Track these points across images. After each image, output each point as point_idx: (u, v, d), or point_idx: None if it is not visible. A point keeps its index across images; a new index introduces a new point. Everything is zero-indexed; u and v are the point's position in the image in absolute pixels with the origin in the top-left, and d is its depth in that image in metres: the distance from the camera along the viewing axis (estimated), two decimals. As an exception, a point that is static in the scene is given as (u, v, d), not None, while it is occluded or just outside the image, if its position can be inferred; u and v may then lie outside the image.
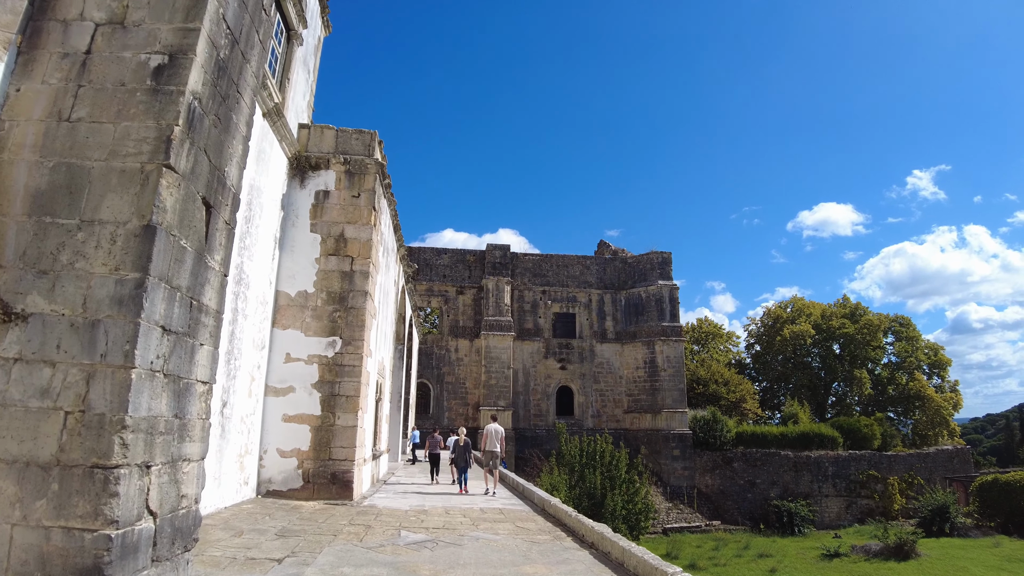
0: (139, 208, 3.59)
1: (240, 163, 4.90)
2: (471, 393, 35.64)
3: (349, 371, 10.16)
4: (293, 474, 9.90)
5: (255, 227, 9.37)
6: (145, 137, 3.75)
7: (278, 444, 9.96)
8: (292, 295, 10.51)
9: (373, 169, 11.16)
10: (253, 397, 9.55)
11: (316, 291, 10.52)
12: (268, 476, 9.92)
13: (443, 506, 9.89)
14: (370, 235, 10.79)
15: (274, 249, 10.36)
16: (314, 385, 10.10)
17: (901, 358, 54.12)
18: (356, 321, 10.36)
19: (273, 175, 10.15)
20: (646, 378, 36.24)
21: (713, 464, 34.45)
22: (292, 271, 10.63)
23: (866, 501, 33.54)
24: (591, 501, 23.56)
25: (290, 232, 10.83)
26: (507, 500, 11.26)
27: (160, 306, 3.60)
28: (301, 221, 10.92)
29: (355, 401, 10.04)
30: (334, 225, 10.86)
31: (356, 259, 10.66)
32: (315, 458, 9.88)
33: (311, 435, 9.96)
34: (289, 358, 10.22)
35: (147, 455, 3.49)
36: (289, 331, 10.33)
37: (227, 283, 4.72)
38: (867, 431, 35.44)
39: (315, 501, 9.64)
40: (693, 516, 33.12)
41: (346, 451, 9.84)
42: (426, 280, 36.41)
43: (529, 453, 33.36)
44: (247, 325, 9.14)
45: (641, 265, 38.28)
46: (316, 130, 11.51)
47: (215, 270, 4.43)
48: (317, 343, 10.28)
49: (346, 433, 9.90)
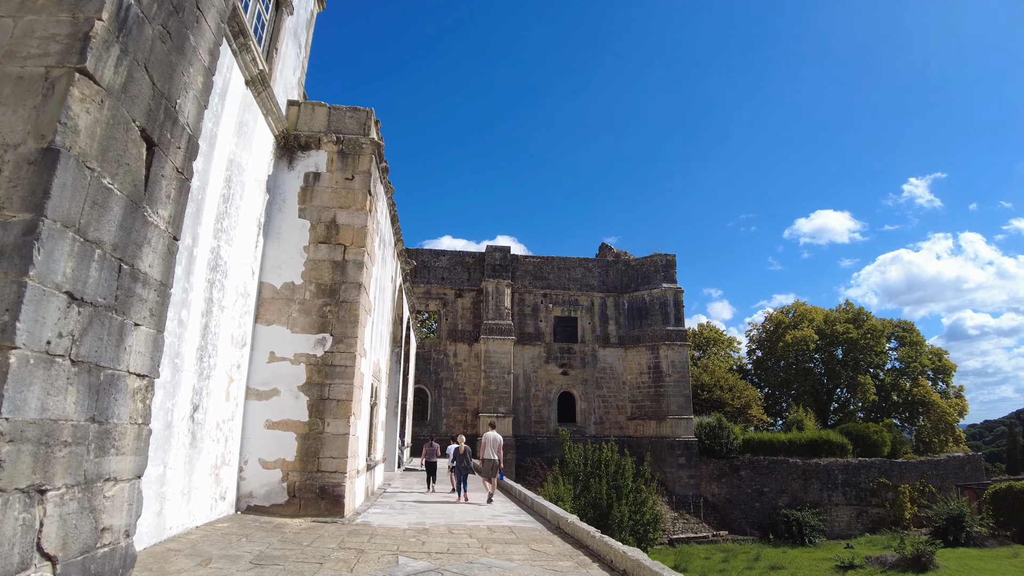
0: (38, 126, 2.56)
1: (200, 100, 3.86)
2: (470, 399, 34.47)
3: (340, 372, 9.07)
4: (277, 487, 8.79)
5: (235, 208, 8.33)
6: (54, 35, 2.73)
7: (260, 454, 8.86)
8: (277, 287, 9.45)
9: (369, 149, 10.15)
10: (232, 400, 8.46)
11: (304, 283, 9.45)
12: (249, 489, 8.80)
13: (446, 524, 8.79)
14: (365, 221, 9.75)
15: (257, 236, 9.31)
16: (301, 388, 9.02)
17: (905, 364, 53.42)
18: (348, 316, 9.29)
19: (257, 152, 9.12)
20: (650, 384, 35.19)
21: (719, 472, 33.37)
22: (278, 260, 9.57)
23: (877, 510, 32.51)
24: (597, 512, 22.47)
25: (276, 218, 9.78)
26: (515, 516, 10.17)
27: (65, 264, 2.56)
28: (288, 206, 9.88)
29: (347, 406, 8.95)
30: (325, 210, 9.82)
31: (349, 248, 9.61)
32: (302, 470, 8.77)
33: (297, 444, 8.86)
34: (273, 357, 9.14)
35: (39, 475, 2.43)
36: (274, 327, 9.25)
37: (178, 249, 3.66)
38: (877, 438, 34.48)
39: (301, 518, 8.53)
40: (699, 526, 31.99)
41: (336, 462, 8.74)
42: (424, 283, 35.33)
43: (531, 462, 32.21)
44: (224, 318, 8.07)
45: (644, 268, 37.34)
46: (306, 107, 10.50)
47: (159, 228, 3.38)
48: (305, 341, 9.21)
49: (336, 442, 8.80)
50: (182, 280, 6.73)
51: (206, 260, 7.44)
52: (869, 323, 51.77)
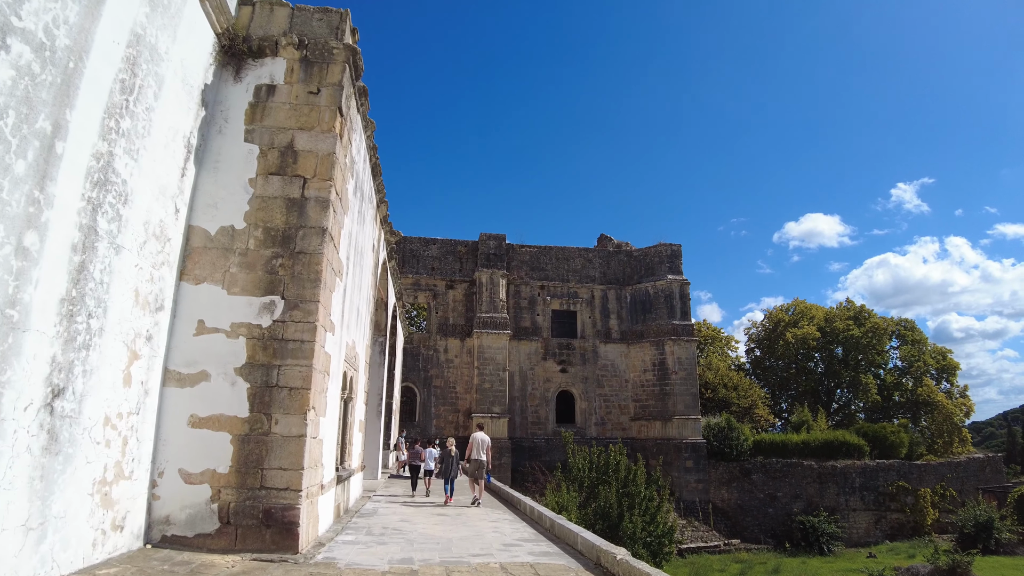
0: None
1: None
2: (461, 398, 31.89)
3: (296, 350, 6.54)
4: (204, 511, 6.22)
5: (145, 109, 5.78)
6: None
7: (181, 462, 6.29)
8: (212, 232, 6.89)
9: (341, 56, 7.64)
10: (137, 386, 5.89)
11: (248, 227, 6.91)
12: (165, 513, 6.22)
13: (441, 562, 6.28)
14: (333, 147, 7.23)
15: (186, 161, 6.75)
16: (240, 371, 6.46)
17: (908, 363, 52.06)
18: (308, 273, 6.76)
19: (186, 45, 6.57)
20: (655, 382, 32.91)
21: (729, 476, 31.18)
22: (214, 197, 7.01)
23: (896, 515, 30.55)
24: (606, 523, 20.08)
25: (214, 141, 7.23)
26: (532, 544, 7.70)
27: None
28: (232, 127, 7.33)
29: (303, 397, 6.41)
30: (280, 132, 7.28)
31: (311, 181, 7.08)
32: (239, 485, 6.21)
33: (234, 449, 6.30)
34: (203, 328, 6.58)
35: None
36: (205, 287, 6.69)
37: None
38: (894, 438, 32.56)
39: (237, 555, 5.98)
40: (709, 534, 29.73)
41: (288, 475, 6.19)
42: (412, 273, 32.73)
43: (529, 466, 29.70)
44: (122, 265, 5.52)
45: (648, 258, 35.10)
46: (263, 7, 7.95)
47: None
48: (247, 305, 6.65)
49: (288, 446, 6.25)
50: (26, 182, 4.19)
51: (84, 167, 4.89)
52: (871, 321, 50.33)
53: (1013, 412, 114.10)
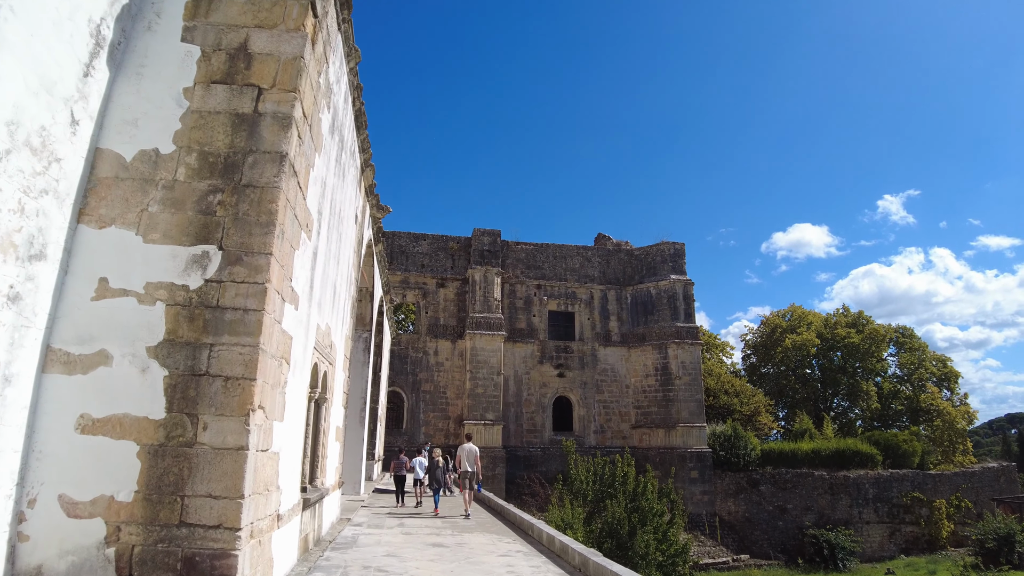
0: None
1: None
2: (452, 404, 29.77)
3: (236, 322, 4.53)
4: (95, 558, 4.17)
5: (3, -47, 3.79)
6: None
7: (64, 486, 4.25)
8: (128, 158, 4.89)
9: (314, -62, 5.71)
10: (-10, 372, 3.87)
11: (179, 151, 4.92)
12: (35, 562, 4.17)
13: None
14: (300, 50, 5.30)
15: (93, 57, 4.76)
16: (155, 351, 4.45)
17: (908, 370, 51.23)
18: (257, 214, 4.78)
19: None
20: (657, 387, 31.12)
21: (736, 487, 29.41)
22: (134, 112, 5.03)
23: (911, 528, 29.00)
24: (615, 540, 18.15)
25: (140, 40, 5.25)
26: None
27: None
28: (166, 23, 5.36)
29: (246, 390, 4.39)
30: (231, 30, 5.33)
31: (268, 92, 5.13)
32: (148, 521, 4.18)
33: (143, 466, 4.27)
34: (106, 288, 4.56)
35: None
36: (112, 230, 4.69)
37: None
38: (907, 447, 31.10)
39: (140, 627, 3.94)
40: (717, 549, 27.88)
41: (221, 506, 4.16)
42: (401, 270, 30.64)
43: (526, 477, 27.65)
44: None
45: (650, 258, 33.42)
46: None
47: None
48: (169, 258, 4.65)
49: (222, 463, 4.23)
50: None
51: None
52: (870, 327, 49.45)
53: (998, 421, 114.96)
